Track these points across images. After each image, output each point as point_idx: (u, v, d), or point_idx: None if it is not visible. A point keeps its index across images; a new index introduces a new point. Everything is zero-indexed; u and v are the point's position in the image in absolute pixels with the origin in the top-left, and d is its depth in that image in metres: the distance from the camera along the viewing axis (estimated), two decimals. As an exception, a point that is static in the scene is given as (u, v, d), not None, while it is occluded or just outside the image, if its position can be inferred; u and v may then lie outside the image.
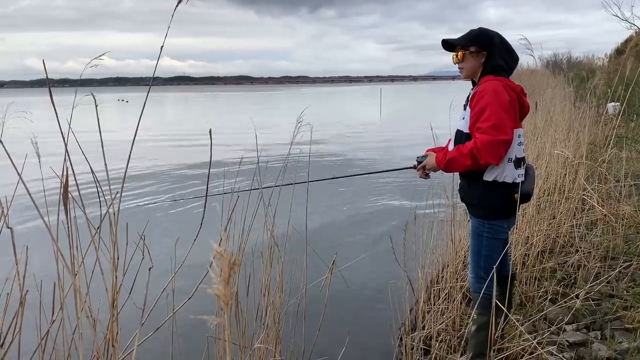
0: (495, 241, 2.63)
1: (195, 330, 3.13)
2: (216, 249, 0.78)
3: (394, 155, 12.43)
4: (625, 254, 4.20)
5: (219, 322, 0.83)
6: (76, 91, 1.99)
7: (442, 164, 2.60)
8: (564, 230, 4.67)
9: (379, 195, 8.05)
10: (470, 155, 2.46)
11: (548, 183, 5.31)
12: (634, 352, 2.86)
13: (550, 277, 3.96)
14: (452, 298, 3.50)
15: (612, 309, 3.40)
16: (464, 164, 2.51)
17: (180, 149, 14.66)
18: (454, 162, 2.55)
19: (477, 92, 2.53)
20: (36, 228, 5.75)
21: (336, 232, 6.21)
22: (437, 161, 2.64)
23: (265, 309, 2.64)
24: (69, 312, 1.75)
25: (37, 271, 2.00)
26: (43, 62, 1.85)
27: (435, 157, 2.66)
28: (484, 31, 2.65)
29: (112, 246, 1.65)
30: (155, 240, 2.48)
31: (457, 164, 2.54)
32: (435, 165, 2.67)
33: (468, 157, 2.47)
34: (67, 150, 1.66)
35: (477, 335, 2.67)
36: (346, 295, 4.15)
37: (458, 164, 2.54)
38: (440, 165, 2.62)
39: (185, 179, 9.87)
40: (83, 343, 1.66)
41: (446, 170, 2.68)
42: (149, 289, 1.98)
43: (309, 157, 3.09)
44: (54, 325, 1.80)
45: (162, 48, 1.56)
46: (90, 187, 1.77)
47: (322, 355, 2.82)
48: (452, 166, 2.59)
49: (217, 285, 0.77)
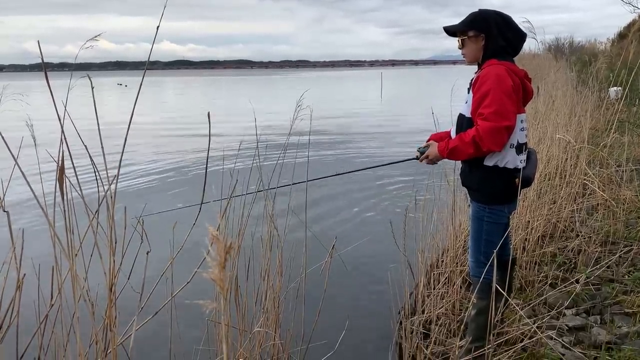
0: (495, 225, 2.62)
1: (194, 314, 3.12)
2: (212, 233, 0.77)
3: (393, 142, 12.39)
4: (625, 239, 4.19)
5: (215, 307, 0.81)
6: (71, 74, 1.96)
7: (445, 153, 2.58)
8: (565, 214, 4.66)
9: (378, 179, 8.03)
10: (472, 143, 2.43)
11: (549, 167, 5.29)
12: (633, 337, 2.87)
13: (550, 261, 3.96)
14: (452, 282, 3.50)
15: (612, 293, 3.40)
16: (466, 152, 2.49)
17: (178, 133, 14.61)
18: (457, 151, 2.52)
19: (480, 76, 2.49)
20: (33, 212, 5.76)
21: (336, 216, 6.21)
22: (439, 151, 2.62)
23: (265, 292, 2.64)
24: (67, 296, 1.74)
25: (35, 255, 1.99)
26: (38, 44, 1.82)
27: (438, 146, 2.63)
28: (480, 13, 2.59)
29: (110, 230, 1.64)
30: (153, 223, 2.46)
31: (460, 152, 2.52)
32: (437, 154, 2.65)
33: (470, 146, 2.45)
34: (64, 132, 1.64)
35: (476, 319, 2.67)
36: (346, 279, 4.16)
37: (461, 153, 2.52)
38: (443, 154, 2.60)
39: (184, 165, 9.85)
40: (81, 327, 1.66)
41: (449, 158, 2.66)
42: (148, 273, 1.97)
43: (309, 139, 3.07)
44: (52, 309, 1.79)
45: (157, 28, 1.53)
46: (88, 172, 1.75)
47: (321, 339, 2.83)
48: (455, 155, 2.58)
49: (213, 270, 0.76)
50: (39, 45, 1.80)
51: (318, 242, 2.98)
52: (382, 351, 3.35)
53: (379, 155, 10.39)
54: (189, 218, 2.03)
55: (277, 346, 2.65)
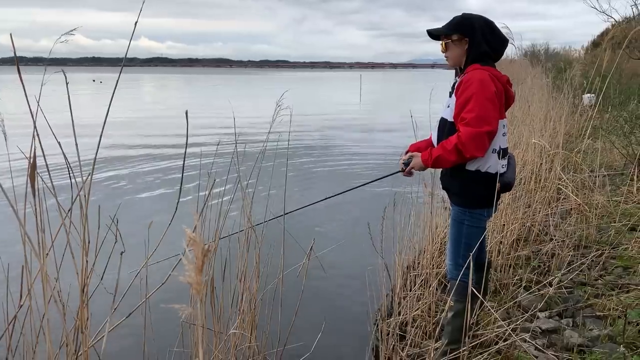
0: (475, 229, 2.63)
1: (168, 316, 3.07)
2: (189, 235, 0.74)
3: (374, 141, 12.44)
4: (597, 243, 4.27)
5: (191, 312, 0.79)
6: (45, 69, 1.91)
7: (430, 163, 2.58)
8: (539, 218, 4.73)
9: (357, 179, 8.04)
10: (455, 151, 2.44)
11: (524, 172, 5.37)
12: (604, 339, 2.92)
13: (524, 264, 4.02)
14: (428, 284, 3.51)
15: (583, 296, 3.46)
16: (450, 160, 2.49)
17: (155, 132, 14.43)
18: (440, 159, 2.52)
19: (463, 81, 2.49)
20: (3, 210, 5.61)
21: (314, 217, 6.19)
22: (423, 161, 2.61)
23: (241, 294, 2.61)
24: (37, 296, 1.69)
25: (4, 255, 1.93)
26: (11, 37, 1.77)
27: (421, 157, 2.63)
28: (465, 17, 2.60)
29: (83, 229, 1.59)
30: (128, 224, 2.41)
31: (443, 160, 2.52)
32: (422, 165, 2.64)
33: (453, 153, 2.45)
34: (36, 128, 1.59)
35: (453, 321, 2.68)
36: (323, 281, 4.14)
37: (444, 161, 2.52)
38: (428, 164, 2.60)
39: (162, 161, 9.72)
40: (52, 329, 1.61)
41: (434, 167, 2.67)
42: (122, 274, 1.93)
43: (288, 142, 3.04)
44: (21, 310, 1.74)
45: (136, 24, 1.50)
46: (61, 169, 1.71)
47: (298, 340, 2.81)
48: (439, 163, 2.57)
49: (190, 273, 0.74)
50: (11, 39, 1.74)
51: (296, 243, 2.97)
52: (358, 353, 3.35)
53: (360, 159, 10.42)
54: (164, 218, 2.00)
55: (253, 348, 2.63)
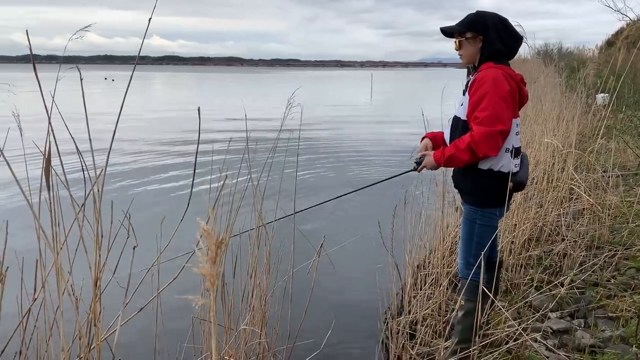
0: (487, 228, 2.62)
1: (180, 311, 3.11)
2: (203, 227, 0.75)
3: (385, 140, 12.42)
4: (610, 244, 4.23)
5: (204, 303, 0.80)
6: (60, 66, 1.93)
7: (442, 162, 2.57)
8: (551, 218, 4.70)
9: (368, 177, 8.03)
10: (468, 150, 2.42)
11: (537, 171, 5.33)
12: (616, 341, 2.89)
13: (536, 264, 3.99)
14: (439, 283, 3.50)
15: (596, 297, 3.44)
16: (463, 159, 2.47)
17: (167, 128, 14.51)
18: (453, 158, 2.51)
19: (477, 79, 2.48)
20: (18, 204, 5.68)
21: (325, 215, 6.19)
22: (435, 160, 2.60)
23: (251, 290, 2.62)
24: (50, 290, 1.71)
25: (19, 248, 1.95)
26: (27, 34, 1.79)
27: (434, 155, 2.61)
28: (479, 15, 2.59)
29: (96, 223, 1.61)
30: (141, 219, 2.43)
31: (456, 160, 2.51)
32: (434, 164, 2.63)
33: (466, 153, 2.44)
34: (51, 123, 1.61)
35: (464, 321, 2.68)
36: (333, 278, 4.15)
37: (457, 160, 2.51)
38: (440, 163, 2.59)
39: (174, 157, 9.78)
40: (65, 322, 1.63)
41: (446, 166, 2.65)
42: (134, 269, 1.95)
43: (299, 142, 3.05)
44: (35, 303, 1.76)
45: (149, 21, 1.51)
46: (75, 163, 1.73)
47: (308, 338, 2.82)
48: (452, 163, 2.56)
49: (204, 264, 0.75)
50: (27, 36, 1.76)
51: (306, 240, 2.97)
52: (368, 351, 3.35)
53: (369, 154, 10.40)
54: (176, 214, 2.01)
55: (263, 344, 2.64)
